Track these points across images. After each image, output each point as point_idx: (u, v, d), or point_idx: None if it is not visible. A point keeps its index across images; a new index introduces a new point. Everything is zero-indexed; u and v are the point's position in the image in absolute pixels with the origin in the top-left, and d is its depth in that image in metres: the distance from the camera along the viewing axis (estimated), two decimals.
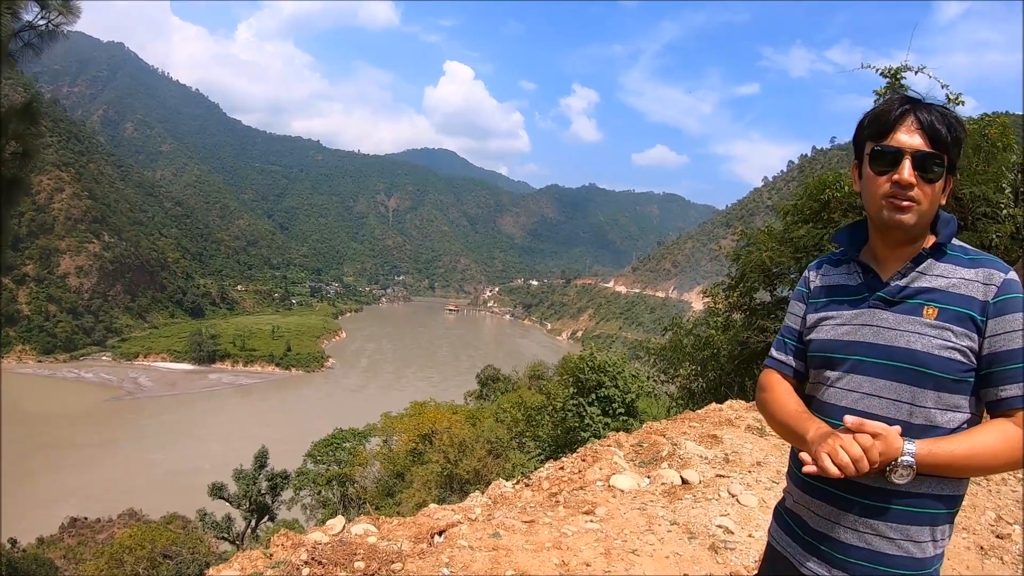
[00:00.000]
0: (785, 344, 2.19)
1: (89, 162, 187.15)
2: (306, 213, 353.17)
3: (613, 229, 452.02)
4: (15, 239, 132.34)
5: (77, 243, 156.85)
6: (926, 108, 1.89)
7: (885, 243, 1.97)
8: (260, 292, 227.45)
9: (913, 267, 1.91)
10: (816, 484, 1.94)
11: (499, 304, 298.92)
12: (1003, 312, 1.80)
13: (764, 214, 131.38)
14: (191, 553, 26.75)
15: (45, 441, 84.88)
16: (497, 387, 43.11)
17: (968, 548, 4.62)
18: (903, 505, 1.83)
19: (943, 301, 1.85)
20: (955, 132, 1.88)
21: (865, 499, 1.86)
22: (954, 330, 1.81)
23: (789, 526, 2.08)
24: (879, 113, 1.94)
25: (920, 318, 1.85)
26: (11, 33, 5.30)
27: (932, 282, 1.88)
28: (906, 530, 1.84)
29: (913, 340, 1.84)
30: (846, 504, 1.89)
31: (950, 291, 1.85)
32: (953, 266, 1.89)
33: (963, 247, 1.93)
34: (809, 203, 9.74)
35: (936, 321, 1.83)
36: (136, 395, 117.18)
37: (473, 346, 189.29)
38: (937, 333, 1.82)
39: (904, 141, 1.86)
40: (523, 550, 3.94)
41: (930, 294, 1.87)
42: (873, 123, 1.94)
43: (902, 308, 1.89)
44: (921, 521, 1.84)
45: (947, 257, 1.91)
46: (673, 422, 7.06)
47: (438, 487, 18.01)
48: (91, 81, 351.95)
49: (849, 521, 1.89)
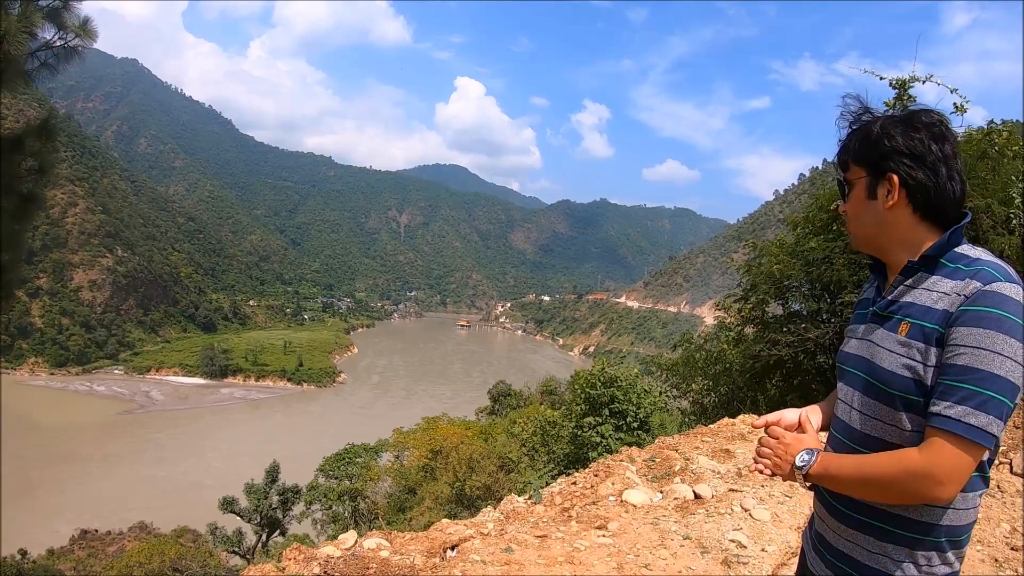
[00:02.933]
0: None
1: (103, 177, 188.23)
2: (318, 229, 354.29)
3: (624, 244, 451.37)
4: (29, 253, 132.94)
5: (90, 257, 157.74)
6: (851, 132, 1.89)
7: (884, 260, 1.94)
8: (272, 307, 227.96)
9: (902, 280, 1.83)
10: (828, 499, 1.93)
11: (511, 320, 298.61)
12: (960, 323, 1.66)
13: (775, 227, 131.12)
14: (201, 567, 26.70)
15: (56, 453, 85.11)
16: (509, 403, 43.00)
17: (983, 560, 4.58)
18: (879, 522, 1.79)
19: (916, 316, 1.75)
20: (863, 133, 1.85)
21: (849, 511, 1.85)
22: (918, 347, 1.72)
23: (815, 544, 2.05)
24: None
25: (895, 335, 1.78)
26: (27, 52, 5.35)
27: (915, 297, 1.78)
28: (883, 547, 1.79)
29: (883, 357, 1.78)
30: (837, 514, 1.89)
31: (927, 306, 1.74)
32: (941, 278, 1.76)
33: (964, 256, 1.77)
34: (820, 215, 9.70)
35: (904, 338, 1.75)
36: (148, 409, 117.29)
37: (485, 362, 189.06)
38: (904, 351, 1.74)
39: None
40: (535, 565, 3.93)
41: (908, 309, 1.78)
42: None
43: (888, 324, 1.82)
44: (897, 541, 1.78)
45: (941, 268, 1.78)
46: (686, 437, 7.04)
47: (450, 503, 17.96)
48: (105, 97, 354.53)
49: (845, 532, 1.88)
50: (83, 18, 5.61)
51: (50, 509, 65.11)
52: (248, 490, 31.90)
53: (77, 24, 5.59)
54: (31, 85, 5.62)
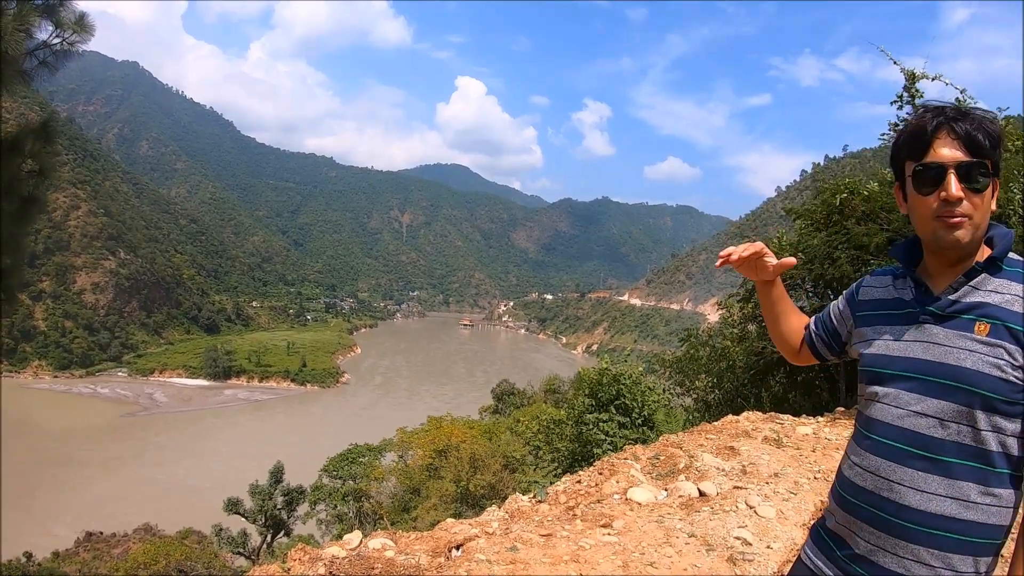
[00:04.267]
0: (818, 320, 2.31)
1: (104, 180, 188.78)
2: (320, 229, 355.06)
3: (627, 242, 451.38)
4: (32, 256, 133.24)
5: (93, 260, 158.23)
6: (960, 116, 1.81)
7: (939, 261, 1.88)
8: (275, 308, 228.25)
9: (966, 281, 1.81)
10: (859, 503, 1.88)
11: (514, 319, 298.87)
12: None
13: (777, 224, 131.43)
14: (206, 568, 26.77)
15: (60, 456, 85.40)
16: (512, 401, 43.02)
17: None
18: (945, 531, 1.74)
19: (996, 317, 1.74)
20: (993, 134, 1.79)
21: (909, 523, 1.77)
22: (1007, 348, 1.71)
23: (827, 545, 2.01)
24: (914, 131, 1.86)
25: (971, 334, 1.75)
26: (25, 52, 5.35)
27: (985, 297, 1.78)
28: (947, 558, 1.74)
29: (963, 357, 1.74)
30: (889, 526, 1.80)
31: (1004, 307, 1.74)
32: (1008, 281, 1.78)
33: (1016, 259, 1.82)
34: (822, 208, 9.68)
35: (988, 338, 1.73)
36: (152, 411, 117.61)
37: (488, 361, 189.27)
38: (989, 351, 1.72)
39: (945, 155, 1.78)
40: (541, 563, 3.93)
41: (982, 309, 1.76)
42: (910, 142, 1.87)
43: (953, 324, 1.79)
44: (964, 550, 1.74)
45: (1003, 272, 1.80)
46: (690, 434, 7.03)
47: (454, 502, 17.96)
48: (106, 100, 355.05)
49: (891, 545, 1.80)
50: (79, 14, 5.61)
51: (54, 512, 65.26)
52: (253, 491, 31.96)
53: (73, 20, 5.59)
54: (30, 85, 5.62)
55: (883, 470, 1.82)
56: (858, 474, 1.90)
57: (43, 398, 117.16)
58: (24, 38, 5.14)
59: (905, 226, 7.59)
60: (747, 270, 2.29)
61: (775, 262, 2.23)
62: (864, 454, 1.90)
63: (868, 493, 1.85)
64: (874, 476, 1.84)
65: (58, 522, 60.16)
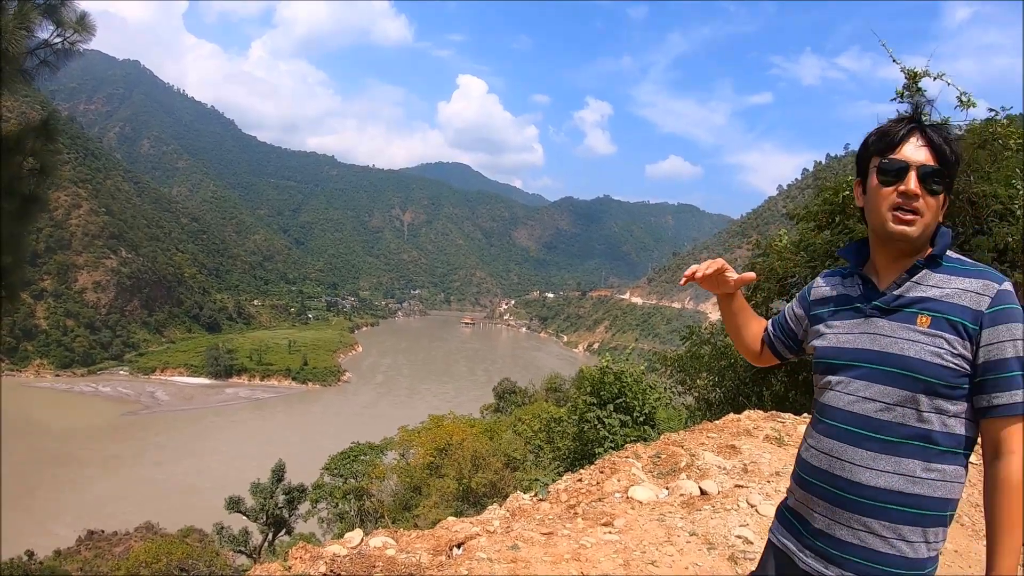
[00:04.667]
0: (775, 322, 2.45)
1: (106, 179, 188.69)
2: (321, 228, 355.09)
3: (628, 240, 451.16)
4: (33, 255, 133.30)
5: (94, 258, 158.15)
6: (932, 127, 2.00)
7: (887, 255, 2.05)
8: (276, 307, 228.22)
9: (908, 277, 1.99)
10: (815, 482, 2.05)
11: (515, 317, 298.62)
12: (996, 322, 1.86)
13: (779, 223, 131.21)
14: (208, 567, 26.81)
15: (61, 455, 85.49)
16: (514, 400, 43.02)
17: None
18: (895, 505, 1.90)
19: (936, 310, 1.91)
20: (956, 152, 1.98)
21: (861, 498, 1.93)
22: (946, 338, 1.88)
23: (791, 523, 2.17)
24: (886, 130, 2.03)
25: (914, 326, 1.92)
26: (26, 51, 5.35)
27: (927, 291, 1.95)
28: (898, 529, 1.90)
29: (907, 347, 1.91)
30: (842, 502, 1.97)
31: (944, 300, 1.92)
32: (948, 276, 1.96)
33: (959, 258, 2.00)
34: (824, 207, 9.66)
35: (929, 329, 1.90)
36: (153, 409, 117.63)
37: (489, 359, 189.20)
38: (930, 340, 1.89)
39: (910, 155, 1.96)
40: (542, 562, 3.93)
41: (924, 303, 1.94)
42: (880, 139, 2.03)
43: (898, 316, 1.97)
44: (912, 521, 1.90)
45: (942, 268, 1.98)
46: (691, 433, 7.02)
47: (455, 500, 17.97)
48: (107, 99, 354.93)
49: (845, 519, 1.96)
50: (79, 13, 5.61)
51: (55, 511, 65.32)
52: (254, 489, 31.93)
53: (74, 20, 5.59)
54: (31, 84, 5.62)
55: (836, 451, 1.99)
56: (814, 455, 2.06)
57: (45, 397, 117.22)
58: (24, 36, 5.14)
59: None
60: (710, 285, 2.42)
61: (736, 277, 2.38)
62: (819, 437, 2.06)
63: (823, 472, 2.02)
64: (828, 456, 2.01)
65: (60, 521, 60.22)
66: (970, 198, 7.14)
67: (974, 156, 7.12)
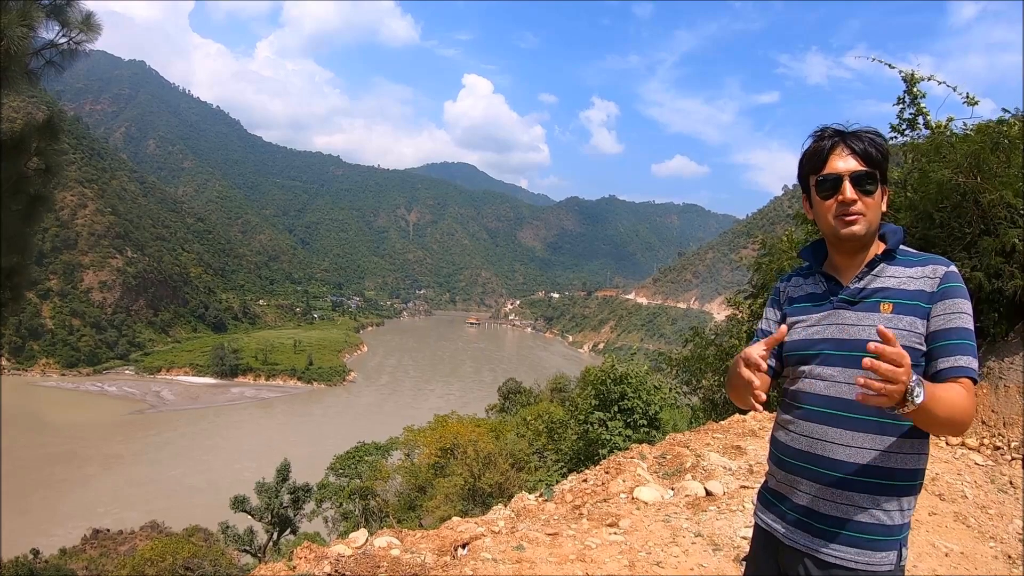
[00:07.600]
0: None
1: (112, 178, 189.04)
2: (327, 228, 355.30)
3: (633, 240, 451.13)
4: (39, 254, 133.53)
5: (100, 258, 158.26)
6: (854, 136, 2.19)
7: (842, 254, 2.28)
8: (282, 306, 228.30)
9: (868, 271, 2.21)
10: (798, 463, 2.21)
11: (520, 317, 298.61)
12: (944, 297, 2.09)
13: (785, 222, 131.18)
14: (213, 565, 26.77)
15: (67, 453, 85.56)
16: (519, 400, 42.94)
17: (996, 557, 4.55)
18: (873, 478, 2.08)
19: (896, 297, 2.13)
20: (882, 149, 2.19)
21: (841, 473, 2.10)
22: (907, 320, 2.09)
23: (773, 504, 2.34)
24: (813, 151, 2.25)
25: (878, 313, 2.13)
26: (32, 51, 5.35)
27: (885, 282, 2.17)
28: (876, 500, 2.08)
29: (872, 332, 2.02)
30: (826, 479, 2.13)
31: (901, 288, 2.14)
32: (902, 267, 2.18)
33: (909, 251, 2.24)
34: None
35: (891, 315, 2.10)
36: (159, 408, 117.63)
37: (495, 359, 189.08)
38: (893, 325, 2.06)
39: (840, 167, 2.17)
40: (547, 562, 3.92)
41: (884, 292, 2.15)
42: (810, 160, 2.25)
43: (862, 307, 2.17)
44: (889, 492, 2.08)
45: (897, 260, 2.21)
46: (696, 433, 7.01)
47: (461, 500, 17.95)
48: (113, 99, 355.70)
49: (828, 494, 2.13)
50: (85, 13, 5.61)
51: (61, 509, 65.46)
52: (259, 489, 31.96)
53: (80, 20, 5.58)
54: (37, 84, 5.62)
55: (817, 432, 2.17)
56: (793, 439, 2.24)
57: (51, 396, 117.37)
58: (28, 34, 5.13)
59: (910, 225, 7.56)
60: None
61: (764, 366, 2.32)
62: (797, 421, 2.24)
63: (805, 454, 2.19)
64: (808, 438, 2.19)
65: (65, 519, 60.37)
66: (976, 199, 7.10)
67: (984, 158, 7.08)
